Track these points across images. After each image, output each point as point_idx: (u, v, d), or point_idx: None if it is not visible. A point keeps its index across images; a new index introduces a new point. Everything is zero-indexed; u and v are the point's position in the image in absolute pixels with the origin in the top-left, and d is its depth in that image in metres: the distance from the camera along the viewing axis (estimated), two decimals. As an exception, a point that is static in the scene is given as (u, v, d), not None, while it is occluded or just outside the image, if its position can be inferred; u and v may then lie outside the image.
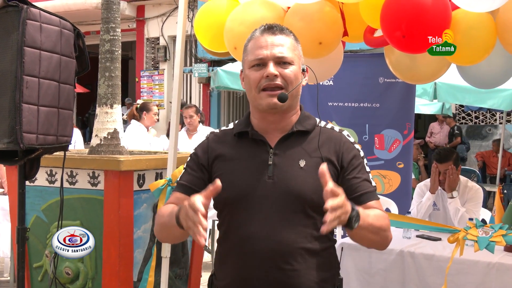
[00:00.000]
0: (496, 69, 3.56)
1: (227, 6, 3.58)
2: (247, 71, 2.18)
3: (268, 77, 2.11)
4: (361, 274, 4.10)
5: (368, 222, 2.02)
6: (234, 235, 2.16)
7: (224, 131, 2.32)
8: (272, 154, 2.16)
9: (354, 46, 9.06)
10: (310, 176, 2.11)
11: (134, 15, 16.10)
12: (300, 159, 2.15)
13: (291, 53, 2.15)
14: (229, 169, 2.18)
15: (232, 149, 2.23)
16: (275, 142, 2.19)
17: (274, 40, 2.15)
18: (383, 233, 2.13)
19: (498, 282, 3.60)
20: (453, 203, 4.69)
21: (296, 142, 2.19)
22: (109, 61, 4.36)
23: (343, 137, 2.24)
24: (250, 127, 2.22)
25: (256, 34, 2.20)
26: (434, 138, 13.66)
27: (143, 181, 4.06)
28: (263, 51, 2.13)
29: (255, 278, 2.11)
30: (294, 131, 2.19)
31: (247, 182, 2.14)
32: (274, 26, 2.19)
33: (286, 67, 2.14)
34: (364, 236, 2.07)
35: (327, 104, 5.67)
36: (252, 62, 2.16)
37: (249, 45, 2.20)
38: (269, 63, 2.12)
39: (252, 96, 2.18)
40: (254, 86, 2.14)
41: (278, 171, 2.14)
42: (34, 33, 2.82)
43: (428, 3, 2.90)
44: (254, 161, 2.17)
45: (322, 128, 2.25)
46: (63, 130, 3.07)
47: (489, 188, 10.18)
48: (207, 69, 14.12)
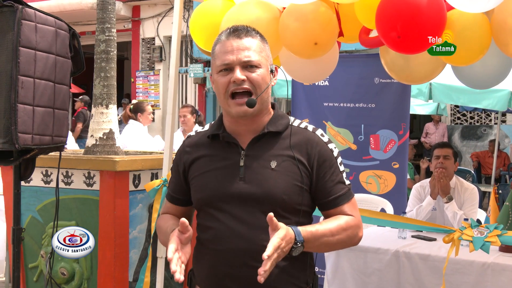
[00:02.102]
0: (491, 70, 3.57)
1: (223, 7, 3.58)
2: (215, 75, 2.21)
3: (235, 82, 2.14)
4: (357, 274, 4.10)
5: (320, 242, 2.13)
6: (208, 234, 2.22)
7: (199, 134, 2.37)
8: (244, 156, 2.20)
9: (349, 46, 9.07)
10: (280, 177, 2.16)
11: (129, 16, 16.06)
12: (272, 160, 2.18)
13: (257, 56, 2.17)
14: (203, 171, 2.25)
15: (206, 151, 2.28)
16: (246, 143, 2.22)
17: (240, 44, 2.16)
18: (340, 246, 2.25)
19: (493, 282, 3.61)
20: (450, 207, 4.69)
21: (267, 143, 2.22)
22: (105, 61, 4.35)
23: (316, 137, 2.25)
24: (222, 129, 2.26)
25: (222, 38, 2.21)
26: (429, 138, 13.67)
27: (139, 181, 4.06)
28: (229, 56, 2.15)
29: (227, 275, 2.17)
30: (266, 132, 2.22)
31: (219, 184, 2.20)
32: (239, 29, 2.20)
33: (253, 71, 2.16)
34: (317, 250, 2.25)
35: (323, 105, 5.67)
36: (219, 67, 2.18)
37: (216, 49, 2.22)
38: (235, 68, 2.14)
39: (221, 101, 2.21)
40: (223, 91, 2.17)
41: (249, 172, 2.18)
42: (30, 33, 2.82)
43: (423, 4, 2.91)
44: (226, 163, 2.22)
45: (295, 127, 2.27)
46: (59, 130, 3.07)
47: (484, 188, 10.20)
48: (202, 70, 14.10)
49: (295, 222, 2.14)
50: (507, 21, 2.97)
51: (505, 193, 8.57)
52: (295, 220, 2.17)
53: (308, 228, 2.10)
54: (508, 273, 3.58)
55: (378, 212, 4.59)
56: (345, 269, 4.14)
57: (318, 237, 2.11)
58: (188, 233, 2.06)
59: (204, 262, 2.25)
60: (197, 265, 2.30)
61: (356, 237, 2.25)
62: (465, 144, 14.37)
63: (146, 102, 8.60)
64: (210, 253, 2.21)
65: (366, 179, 5.60)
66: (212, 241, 2.19)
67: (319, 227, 2.14)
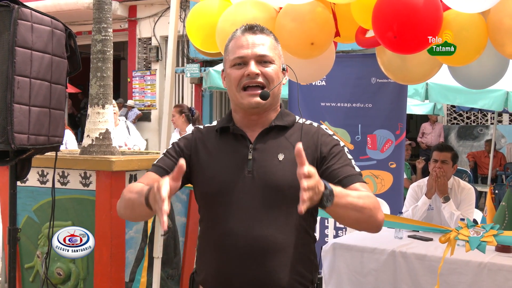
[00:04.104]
0: (487, 70, 3.57)
1: (219, 7, 3.58)
2: (228, 70, 2.21)
3: (249, 75, 2.14)
4: (353, 274, 4.10)
5: (347, 201, 1.97)
6: (213, 230, 2.18)
7: (207, 128, 2.34)
8: (252, 149, 2.19)
9: (346, 46, 9.09)
10: (288, 169, 2.11)
11: (126, 15, 16.06)
12: (279, 153, 2.17)
13: (271, 52, 2.19)
14: (210, 164, 2.21)
15: (214, 144, 2.26)
16: (255, 137, 2.21)
17: (255, 40, 2.18)
18: (368, 212, 2.04)
19: (490, 282, 3.61)
20: (447, 207, 4.70)
21: (275, 137, 2.21)
22: (101, 61, 4.35)
23: (321, 130, 2.26)
24: (231, 123, 2.25)
25: (237, 34, 2.23)
26: (425, 138, 13.69)
27: (135, 181, 4.05)
28: (244, 50, 2.17)
29: (233, 273, 2.12)
30: (273, 125, 2.22)
31: (226, 177, 2.16)
32: (254, 26, 2.22)
33: (267, 66, 2.17)
34: (345, 214, 2.01)
35: (320, 105, 5.68)
36: (234, 60, 2.18)
37: (230, 45, 2.23)
38: (250, 62, 2.15)
39: (233, 94, 2.20)
40: (235, 85, 2.17)
41: (257, 165, 2.15)
42: (26, 33, 2.81)
43: (420, 4, 2.91)
44: (234, 156, 2.20)
45: (301, 124, 2.27)
46: (55, 130, 3.07)
47: (481, 188, 10.21)
48: (199, 70, 14.10)
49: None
50: (503, 21, 2.97)
51: (502, 193, 8.59)
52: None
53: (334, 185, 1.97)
54: (504, 273, 3.59)
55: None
56: (341, 269, 4.14)
57: (345, 194, 1.97)
58: (178, 182, 1.90)
59: (208, 260, 2.20)
60: (202, 264, 2.25)
61: (378, 214, 2.08)
62: (462, 144, 14.39)
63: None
64: (216, 250, 2.16)
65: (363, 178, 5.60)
66: (218, 238, 2.15)
67: (343, 189, 2.01)
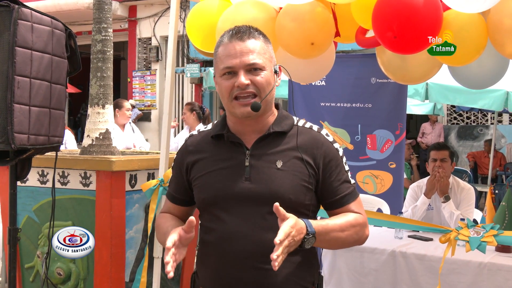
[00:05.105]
0: (487, 70, 3.57)
1: (219, 7, 3.58)
2: (218, 79, 2.18)
3: (239, 87, 2.11)
4: (353, 274, 4.10)
5: (330, 236, 2.09)
6: (212, 235, 2.18)
7: (202, 133, 2.33)
8: (249, 156, 2.17)
9: (346, 46, 9.10)
10: (287, 177, 2.13)
11: (126, 15, 16.05)
12: (277, 160, 2.16)
13: (261, 58, 2.14)
14: (207, 171, 2.21)
15: (210, 151, 2.25)
16: (251, 143, 2.20)
17: (243, 47, 2.12)
18: (350, 240, 2.19)
19: (490, 282, 3.61)
20: (447, 207, 4.69)
21: (273, 142, 2.20)
22: (101, 61, 4.35)
23: (321, 137, 2.24)
24: (226, 130, 2.23)
25: (224, 40, 2.17)
26: (426, 138, 13.67)
27: (135, 181, 4.05)
28: (232, 60, 2.11)
29: (233, 278, 2.13)
30: (271, 132, 2.20)
31: (224, 184, 2.16)
32: (242, 31, 2.16)
33: (258, 74, 2.13)
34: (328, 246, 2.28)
35: (320, 105, 5.68)
36: (223, 70, 2.14)
37: (218, 52, 2.18)
38: (239, 72, 2.11)
39: (225, 103, 2.18)
40: (227, 95, 2.15)
41: (255, 172, 2.15)
42: (26, 33, 2.81)
43: (420, 4, 2.91)
44: (231, 163, 2.19)
45: (300, 127, 2.25)
46: (55, 130, 3.06)
47: (481, 188, 10.20)
48: (199, 70, 14.09)
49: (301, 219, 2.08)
50: (503, 22, 2.97)
51: (502, 193, 8.58)
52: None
53: (318, 222, 2.06)
54: (504, 273, 3.59)
55: (375, 212, 4.59)
56: (341, 269, 4.14)
57: (328, 230, 2.07)
58: (191, 234, 2.02)
59: (209, 264, 2.21)
60: (201, 267, 2.26)
61: (363, 235, 2.23)
62: (462, 144, 14.39)
63: (126, 100, 8.32)
64: (215, 255, 2.17)
65: (362, 179, 5.61)
66: (217, 243, 2.15)
67: (329, 222, 2.11)
